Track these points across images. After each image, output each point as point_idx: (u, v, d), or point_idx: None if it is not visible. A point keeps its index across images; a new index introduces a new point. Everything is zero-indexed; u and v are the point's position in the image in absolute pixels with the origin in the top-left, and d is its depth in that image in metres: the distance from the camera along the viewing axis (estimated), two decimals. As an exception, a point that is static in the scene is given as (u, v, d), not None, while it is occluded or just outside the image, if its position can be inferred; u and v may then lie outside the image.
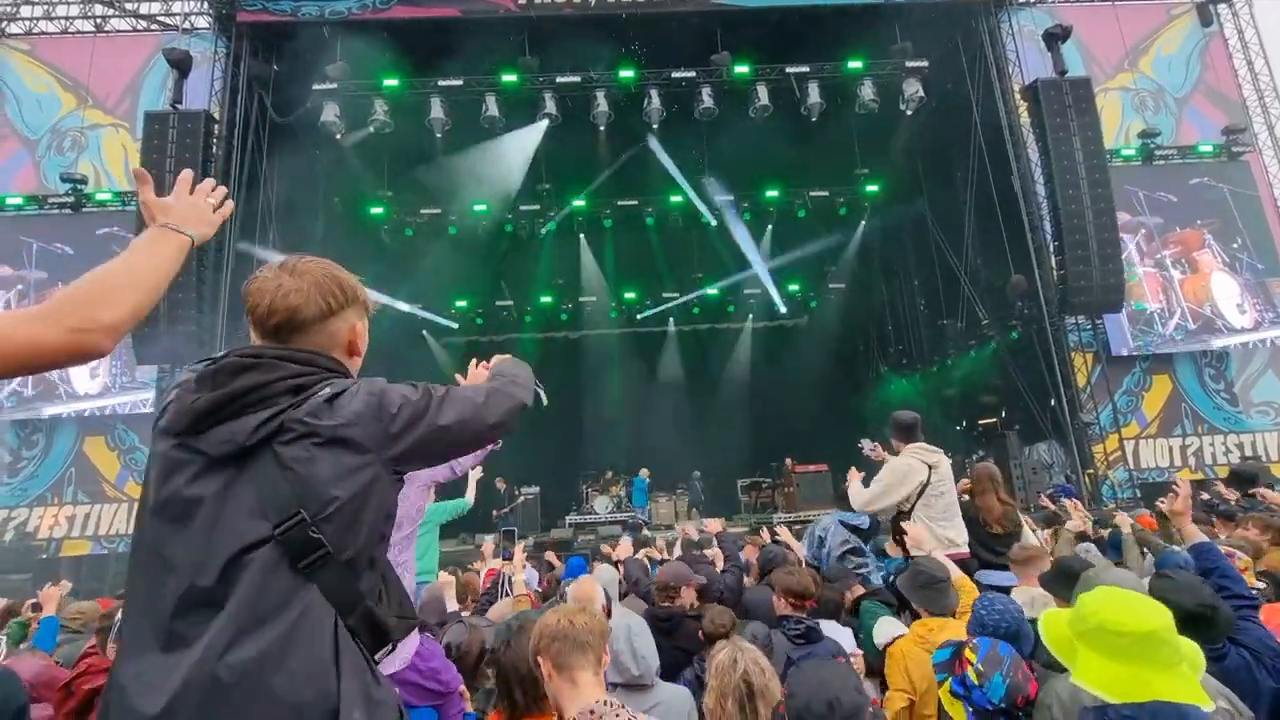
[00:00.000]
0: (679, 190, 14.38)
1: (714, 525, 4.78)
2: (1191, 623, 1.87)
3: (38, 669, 2.48)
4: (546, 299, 17.38)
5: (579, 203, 14.75)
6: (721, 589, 3.52)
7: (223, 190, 1.44)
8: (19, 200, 13.34)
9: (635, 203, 14.88)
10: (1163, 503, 3.45)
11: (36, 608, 4.28)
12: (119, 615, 2.27)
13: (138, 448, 12.91)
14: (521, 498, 12.61)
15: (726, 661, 1.76)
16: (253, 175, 11.65)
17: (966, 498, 4.22)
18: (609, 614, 3.27)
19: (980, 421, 13.69)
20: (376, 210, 14.22)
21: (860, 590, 3.47)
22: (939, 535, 3.69)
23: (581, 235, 15.81)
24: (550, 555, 5.78)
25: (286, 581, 1.02)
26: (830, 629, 3.01)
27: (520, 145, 13.19)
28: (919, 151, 14.11)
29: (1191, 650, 1.51)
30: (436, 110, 11.85)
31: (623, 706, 1.53)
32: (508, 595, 4.03)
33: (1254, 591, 2.52)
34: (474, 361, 1.86)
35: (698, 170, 14.22)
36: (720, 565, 4.16)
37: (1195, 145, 13.01)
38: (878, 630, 2.85)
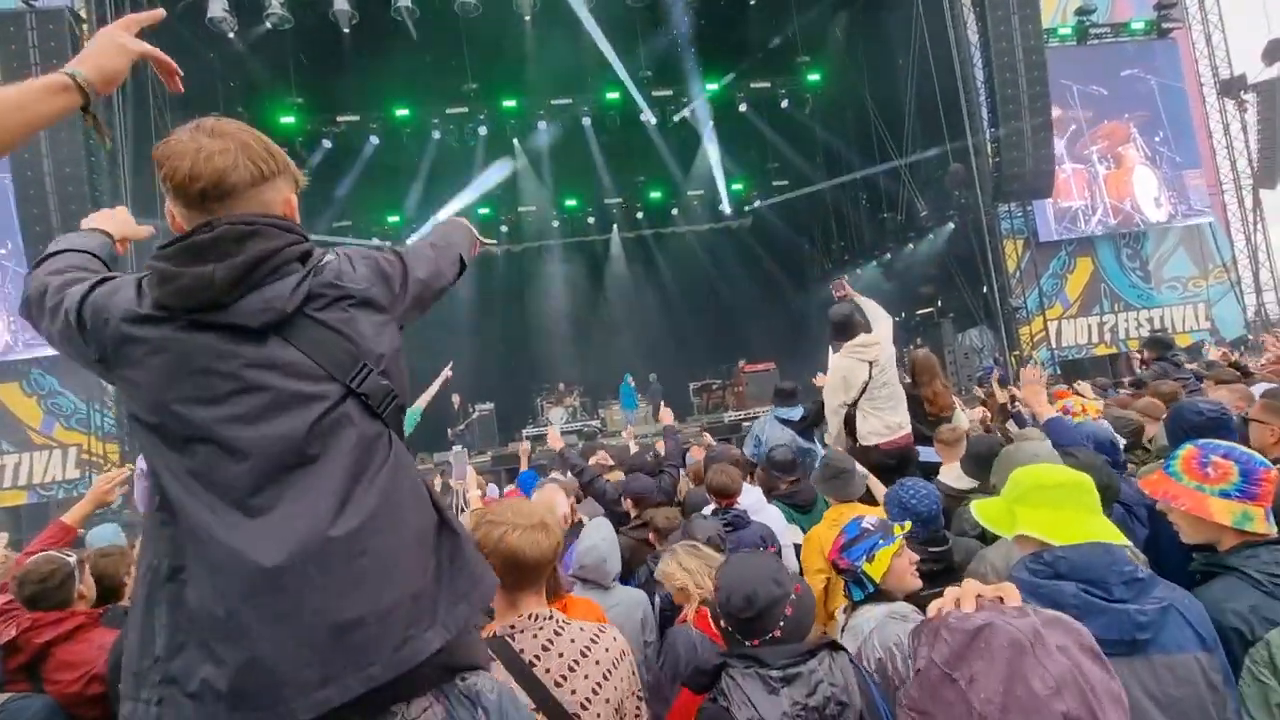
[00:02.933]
0: (616, 87, 13.60)
1: (667, 416, 4.91)
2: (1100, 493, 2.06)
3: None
4: (484, 210, 16.63)
5: (509, 103, 13.82)
6: (656, 491, 3.64)
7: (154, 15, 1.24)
8: None
9: (570, 101, 14.05)
10: (1014, 388, 3.77)
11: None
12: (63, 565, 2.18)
13: (59, 391, 12.19)
14: (476, 414, 12.63)
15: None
16: (139, 88, 10.36)
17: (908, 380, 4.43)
18: (570, 523, 3.39)
19: (918, 312, 14.23)
20: (287, 120, 13.00)
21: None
22: (886, 422, 3.90)
23: (515, 140, 14.96)
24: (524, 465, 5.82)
25: (373, 428, 1.09)
26: (764, 515, 3.24)
27: (440, 38, 12.10)
28: (860, 37, 13.65)
29: None
30: (340, 1, 10.63)
31: (549, 618, 1.55)
32: (463, 511, 4.11)
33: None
34: None
35: (635, 65, 13.42)
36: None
37: (1128, 22, 13.01)
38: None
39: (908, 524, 2.12)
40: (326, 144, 13.57)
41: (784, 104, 14.65)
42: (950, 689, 0.85)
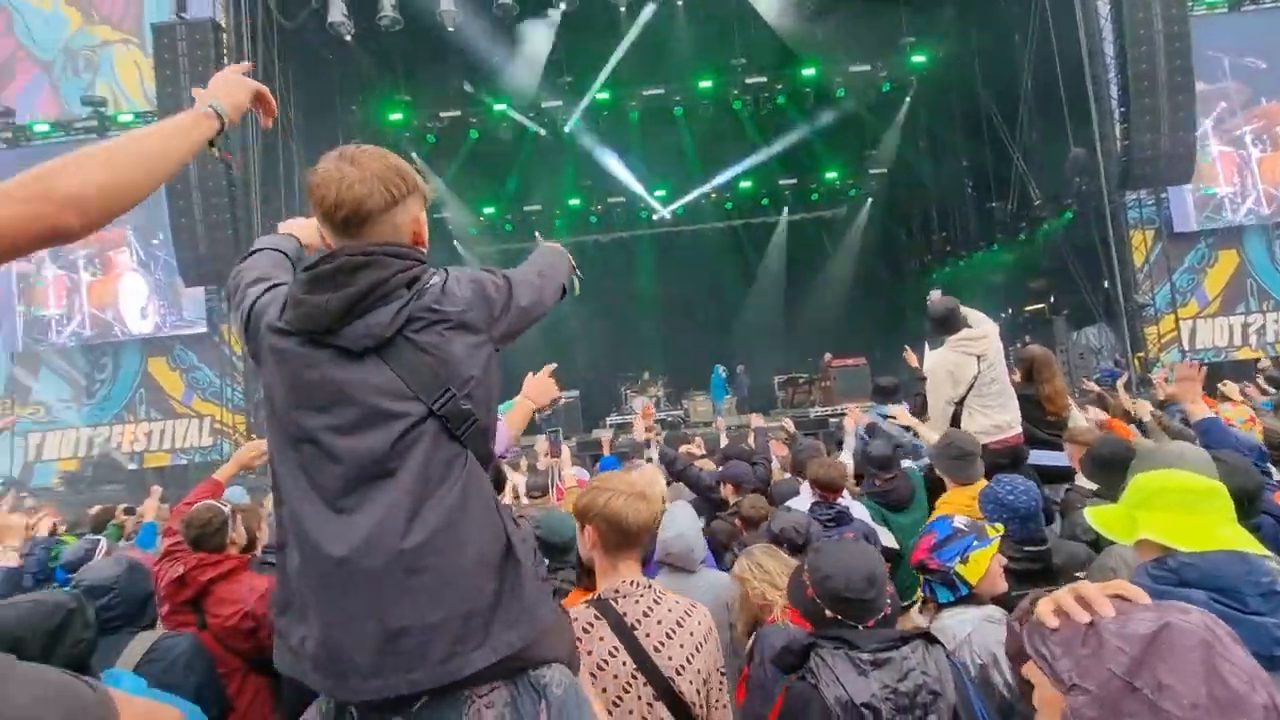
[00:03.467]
0: (708, 74, 13.47)
1: (758, 420, 4.93)
2: (1245, 501, 1.88)
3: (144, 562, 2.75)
4: (575, 201, 16.98)
5: (602, 95, 14.00)
6: (752, 479, 3.67)
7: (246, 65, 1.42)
8: (45, 127, 13.36)
9: (661, 91, 14.06)
10: (1165, 383, 3.42)
11: (129, 511, 4.72)
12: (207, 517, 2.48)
13: (197, 366, 13.61)
14: (563, 400, 12.98)
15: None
16: (268, 89, 11.32)
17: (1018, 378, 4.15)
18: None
19: (1027, 308, 13.25)
20: (395, 116, 13.81)
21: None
22: (995, 421, 3.68)
23: (607, 131, 15.16)
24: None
25: (449, 449, 1.16)
26: (858, 512, 3.15)
27: (538, 35, 12.43)
28: (973, 15, 12.79)
29: None
30: (446, 2, 11.14)
31: (649, 586, 1.64)
32: (559, 487, 4.28)
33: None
34: None
35: (729, 53, 13.23)
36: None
37: (1295, -16, 11.46)
38: None
39: (1000, 525, 2.02)
40: (430, 139, 14.30)
41: (885, 88, 13.99)
42: (1133, 699, 0.79)
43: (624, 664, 1.53)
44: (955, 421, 3.82)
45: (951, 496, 2.98)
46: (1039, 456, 3.68)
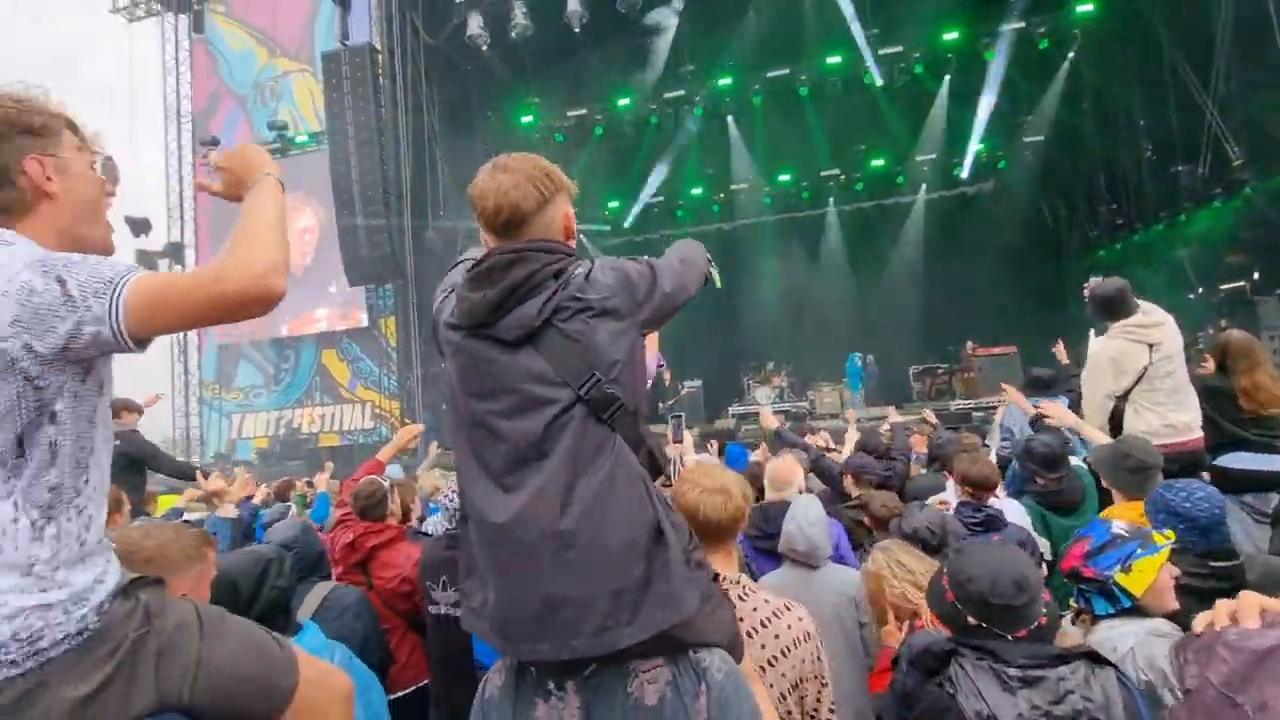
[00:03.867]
0: (839, 50, 12.82)
1: (895, 415, 4.65)
2: None
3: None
4: (697, 191, 16.92)
5: (725, 81, 13.80)
6: (878, 472, 3.46)
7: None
8: (242, 151, 15.48)
9: (787, 72, 13.59)
10: None
11: (308, 484, 5.40)
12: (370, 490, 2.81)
13: (360, 358, 15.24)
14: (685, 390, 13.05)
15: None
16: (416, 102, 12.36)
17: (1206, 369, 3.56)
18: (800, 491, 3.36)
19: (1222, 287, 11.36)
20: (526, 119, 14.50)
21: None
22: (1168, 420, 3.20)
23: (730, 118, 14.93)
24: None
25: (597, 432, 1.22)
26: (1012, 513, 2.85)
27: (660, 27, 12.49)
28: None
29: None
30: (573, 3, 11.50)
31: (736, 583, 1.62)
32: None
33: None
34: None
35: (861, 24, 12.49)
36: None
37: None
38: None
39: (1171, 533, 1.76)
40: (558, 138, 14.89)
41: (1043, 45, 12.55)
42: (1231, 713, 0.78)
43: None
44: (1116, 418, 3.35)
45: (1119, 511, 2.57)
46: (1239, 459, 3.14)
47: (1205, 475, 3.11)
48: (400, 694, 2.54)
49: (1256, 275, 10.80)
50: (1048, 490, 3.25)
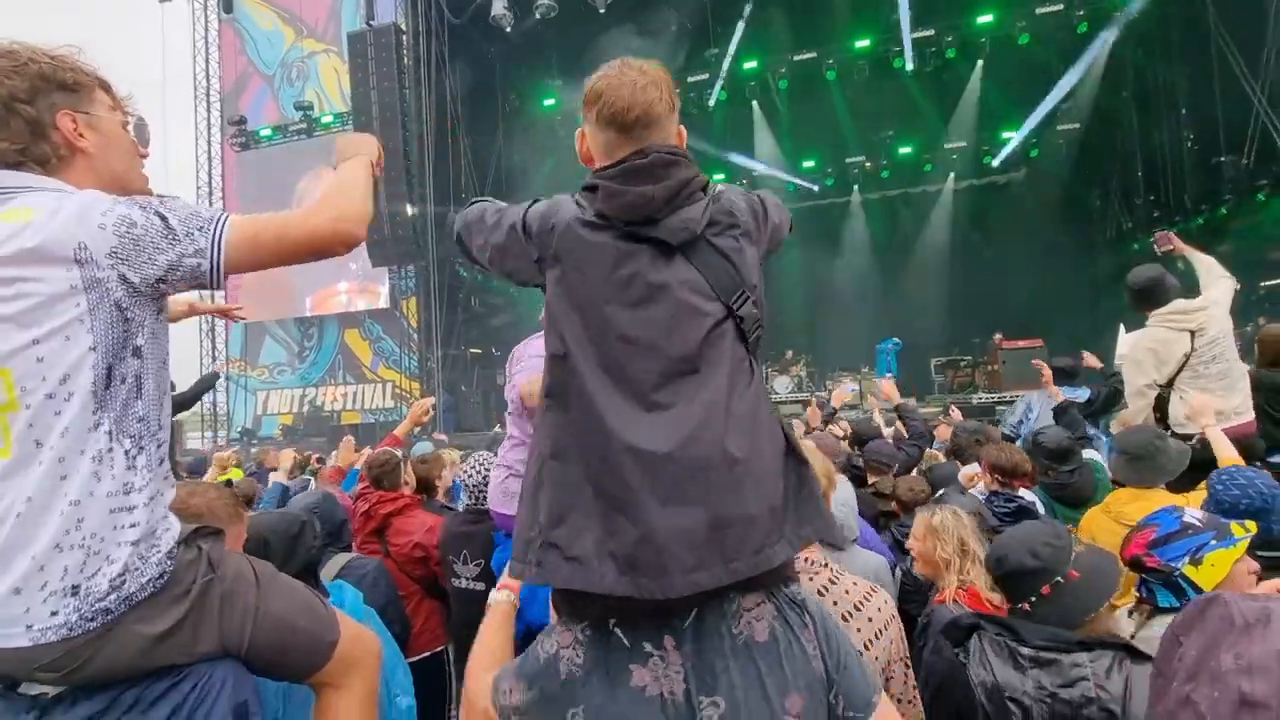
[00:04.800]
0: (868, 33, 12.55)
1: (890, 390, 4.49)
2: None
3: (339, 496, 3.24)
4: (719, 176, 16.75)
5: (750, 64, 13.59)
6: (894, 461, 3.41)
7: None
8: (268, 132, 15.66)
9: (814, 55, 13.33)
10: None
11: (321, 460, 5.52)
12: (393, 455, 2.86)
13: (383, 337, 15.41)
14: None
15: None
16: (439, 83, 12.37)
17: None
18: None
19: (1264, 283, 10.99)
20: (549, 103, 14.44)
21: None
22: (1219, 408, 3.10)
23: (754, 102, 14.70)
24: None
25: (742, 350, 1.19)
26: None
27: (683, 8, 12.31)
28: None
29: None
30: (597, -17, 11.39)
31: (825, 565, 1.60)
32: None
33: None
34: None
35: (887, 6, 12.22)
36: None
37: None
38: None
39: (1251, 524, 1.69)
40: (579, 122, 14.75)
41: (1082, 29, 12.15)
42: (1174, 649, 0.88)
43: None
44: (1161, 407, 3.25)
45: (1111, 501, 2.56)
46: None
47: (1257, 462, 3.02)
48: (416, 659, 2.59)
49: (1300, 271, 10.43)
50: (1058, 483, 3.18)
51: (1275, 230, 11.01)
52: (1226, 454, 2.58)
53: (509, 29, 12.10)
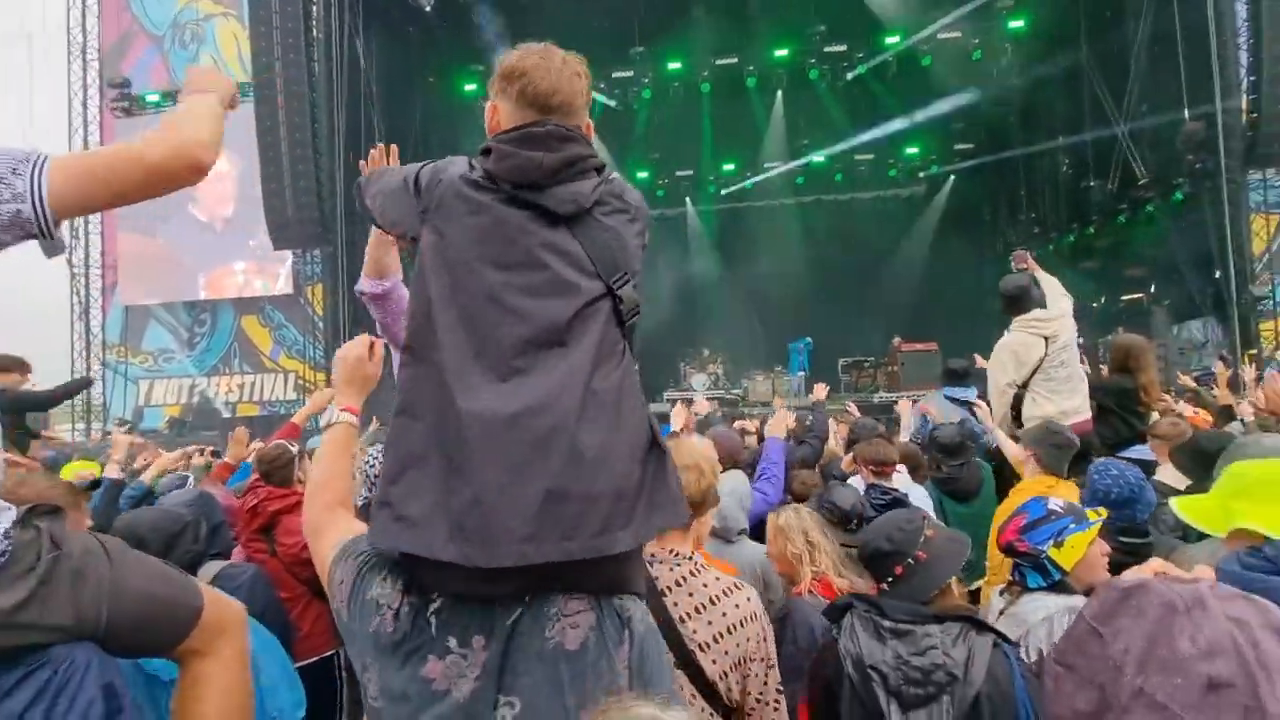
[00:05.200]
0: (786, 44, 13.01)
1: (821, 392, 4.84)
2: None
3: (223, 495, 3.03)
4: (642, 175, 16.88)
5: (674, 65, 13.78)
6: (799, 460, 3.59)
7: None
8: (156, 98, 14.35)
9: (735, 61, 13.69)
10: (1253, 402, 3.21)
11: (215, 454, 5.13)
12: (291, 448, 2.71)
13: (285, 324, 14.52)
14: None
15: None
16: (352, 58, 11.75)
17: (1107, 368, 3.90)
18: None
19: (1123, 298, 12.30)
20: (470, 87, 14.05)
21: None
22: (1061, 407, 3.48)
23: (678, 102, 14.91)
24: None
25: (616, 333, 1.18)
26: (916, 496, 3.03)
27: (611, 3, 12.32)
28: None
29: None
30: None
31: (689, 559, 1.63)
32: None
33: None
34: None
35: (805, 19, 12.72)
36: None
37: None
38: None
39: (1103, 510, 1.91)
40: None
41: (975, 55, 13.12)
42: (1094, 642, 0.87)
43: None
44: (1016, 406, 3.63)
45: (1028, 485, 2.84)
46: (1141, 452, 3.44)
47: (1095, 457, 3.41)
48: (304, 663, 2.47)
49: (1153, 288, 11.75)
50: (949, 477, 3.47)
51: (1133, 250, 12.34)
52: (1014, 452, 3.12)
53: (428, 8, 11.69)
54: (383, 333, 2.00)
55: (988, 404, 3.89)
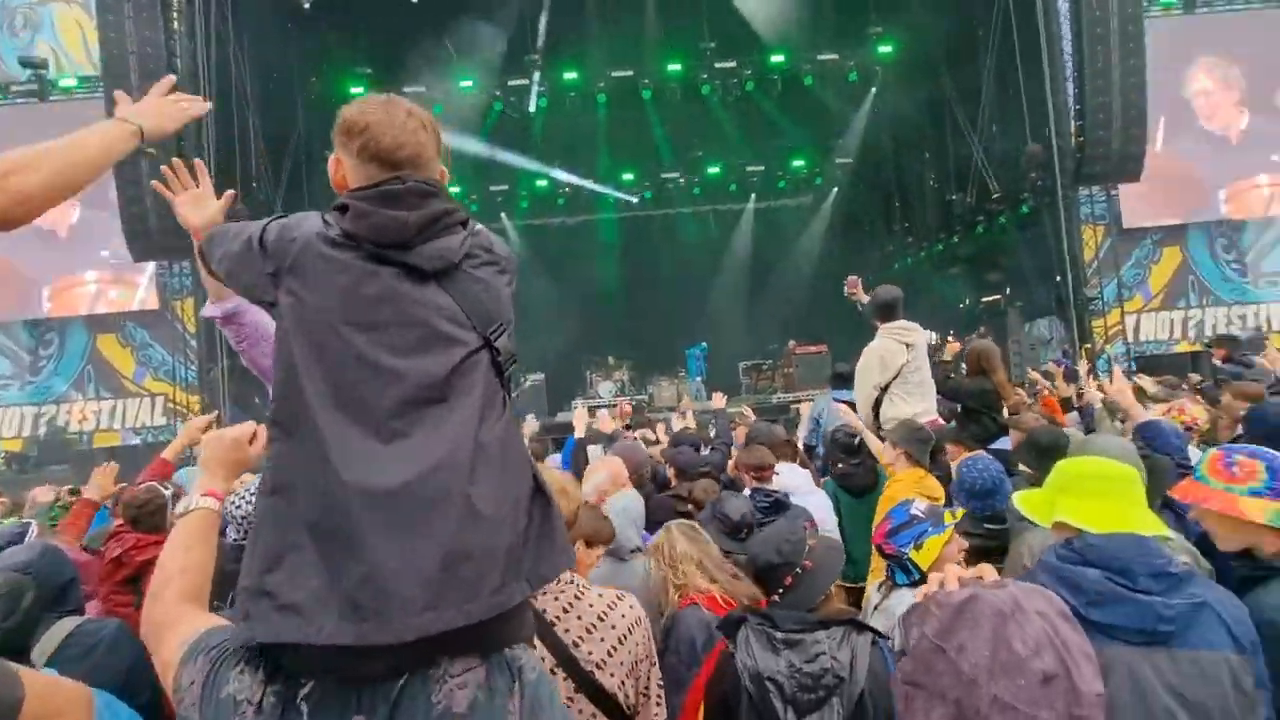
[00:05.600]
0: (678, 58, 13.40)
1: (720, 400, 5.03)
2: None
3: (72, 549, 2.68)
4: (542, 183, 16.78)
5: (570, 75, 13.81)
6: (709, 466, 3.73)
7: (193, 99, 1.50)
8: (-19, 89, 12.61)
9: (630, 74, 13.93)
10: (1101, 390, 3.75)
11: (74, 493, 4.56)
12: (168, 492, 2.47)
13: (150, 344, 13.14)
14: (528, 383, 12.92)
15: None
16: (223, 60, 10.86)
17: (944, 372, 4.37)
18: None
19: (983, 299, 13.64)
20: (356, 90, 13.37)
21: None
22: (915, 409, 3.86)
23: (575, 113, 14.95)
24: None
25: (494, 384, 1.17)
26: (810, 500, 3.23)
27: (505, 8, 12.18)
28: (938, 6, 12.97)
29: None
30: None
31: (570, 582, 1.67)
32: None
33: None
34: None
35: (697, 37, 13.17)
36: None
37: (1243, -11, 11.91)
38: None
39: (959, 511, 2.12)
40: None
41: (852, 77, 14.11)
42: (940, 659, 0.91)
43: (542, 659, 1.53)
44: (875, 408, 3.99)
45: (905, 477, 3.14)
46: (1006, 443, 3.85)
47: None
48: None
49: (1008, 291, 13.12)
50: (846, 474, 3.73)
51: (990, 256, 13.71)
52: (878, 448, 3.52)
53: (306, 5, 11.03)
54: (246, 362, 1.89)
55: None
